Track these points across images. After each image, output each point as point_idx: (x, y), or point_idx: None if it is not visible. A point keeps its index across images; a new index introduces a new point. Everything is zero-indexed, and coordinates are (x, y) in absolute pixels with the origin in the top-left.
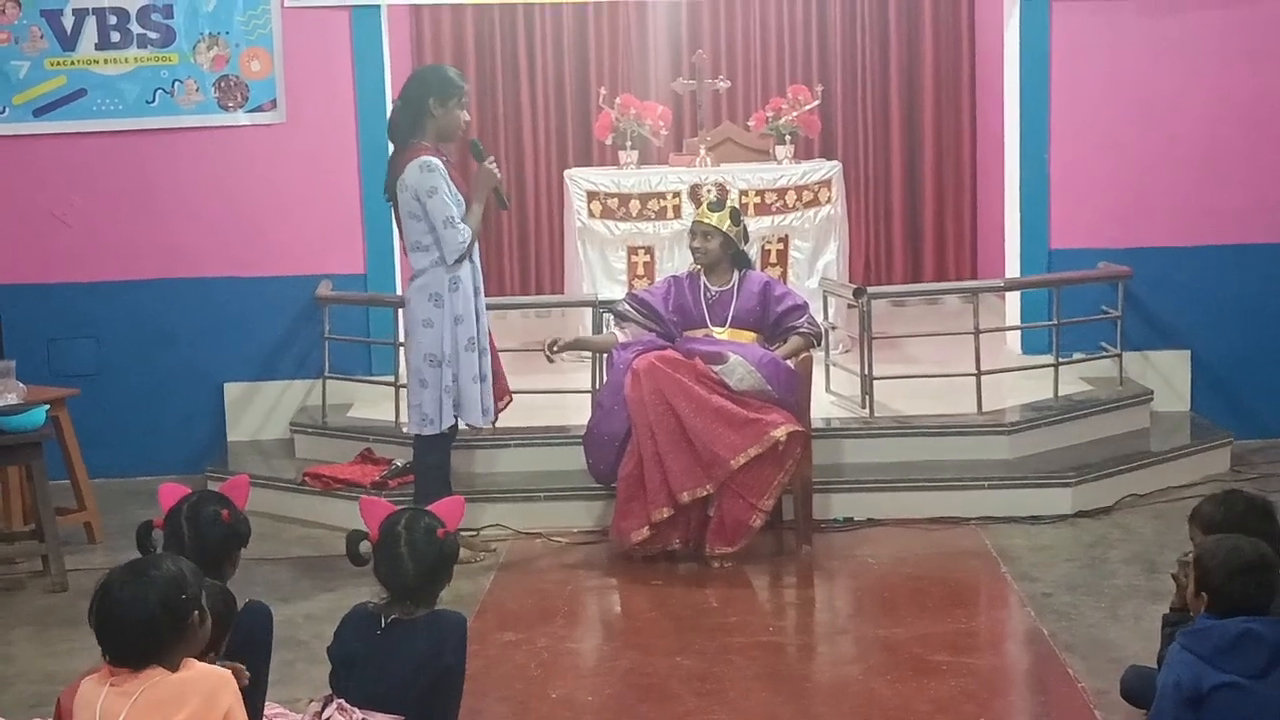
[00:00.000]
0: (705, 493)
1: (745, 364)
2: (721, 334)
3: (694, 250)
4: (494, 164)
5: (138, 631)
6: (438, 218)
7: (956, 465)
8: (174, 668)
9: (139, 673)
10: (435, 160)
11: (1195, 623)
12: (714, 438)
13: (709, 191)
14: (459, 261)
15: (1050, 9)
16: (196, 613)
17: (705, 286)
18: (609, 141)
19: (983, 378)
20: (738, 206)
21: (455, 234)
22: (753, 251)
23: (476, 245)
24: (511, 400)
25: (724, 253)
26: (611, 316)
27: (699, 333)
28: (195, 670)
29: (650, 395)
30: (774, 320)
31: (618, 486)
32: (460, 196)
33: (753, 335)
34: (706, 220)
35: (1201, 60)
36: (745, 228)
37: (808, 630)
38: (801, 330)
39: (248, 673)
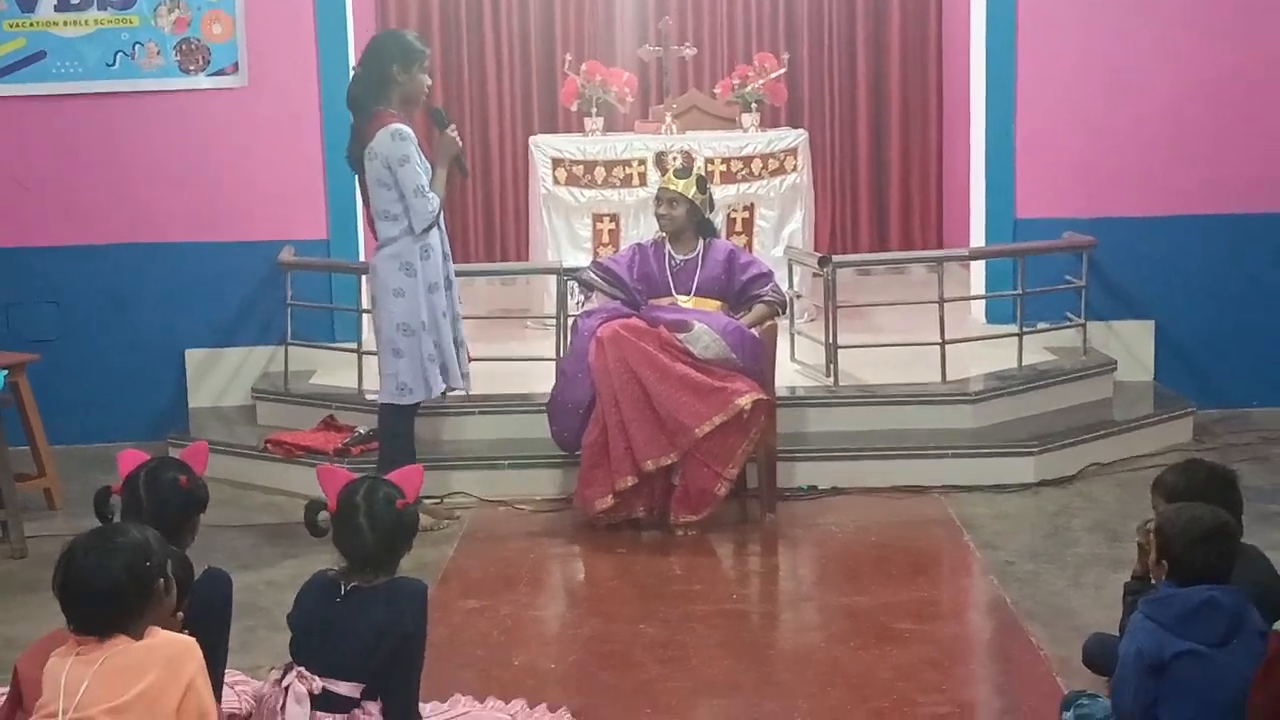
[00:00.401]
0: (669, 461)
1: (710, 332)
2: (686, 302)
3: (659, 218)
4: (455, 131)
5: (103, 599)
6: (408, 186)
7: (920, 434)
8: (139, 636)
9: (104, 642)
10: (407, 129)
11: (1157, 591)
12: (678, 406)
13: (674, 159)
14: (427, 230)
15: None
16: (162, 580)
17: (670, 255)
18: (574, 108)
19: (947, 347)
20: (704, 174)
21: (425, 203)
22: (718, 220)
23: (443, 213)
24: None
25: (689, 220)
26: (576, 284)
27: (664, 301)
28: (159, 638)
29: (615, 363)
30: (739, 289)
31: (582, 454)
32: (429, 164)
33: (718, 304)
34: (672, 187)
35: (1170, 32)
36: (711, 195)
37: (771, 598)
38: (766, 299)
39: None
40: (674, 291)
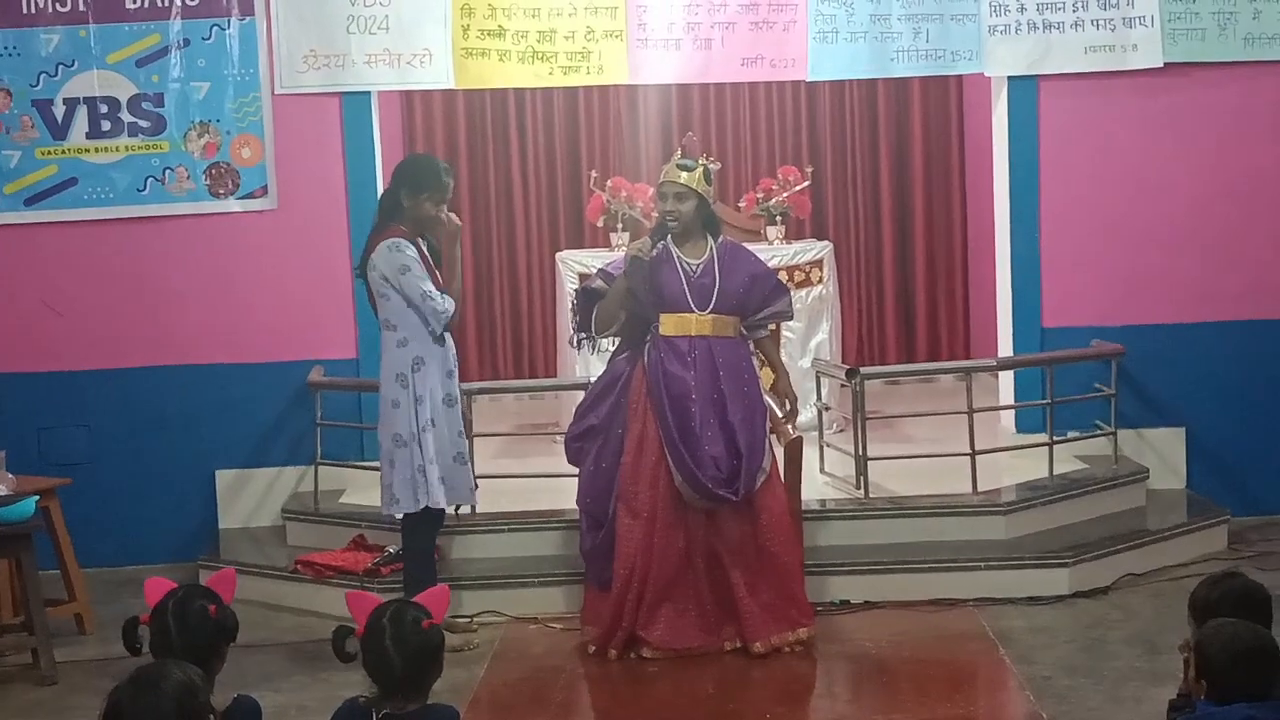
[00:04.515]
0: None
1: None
2: (705, 319)
3: (665, 214)
4: (450, 215)
5: None
6: (414, 294)
7: (953, 546)
8: None
9: None
10: (405, 241)
11: (1196, 709)
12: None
13: (678, 153)
14: (447, 330)
15: (1039, 89)
16: (211, 717)
17: (681, 260)
18: (600, 224)
19: (977, 457)
20: (708, 166)
21: (434, 304)
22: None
23: (450, 334)
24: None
25: (698, 216)
26: (577, 296)
27: (673, 319)
28: None
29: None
30: (754, 314)
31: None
32: (433, 278)
33: (735, 319)
34: (678, 180)
35: (1191, 139)
36: (713, 187)
37: (806, 716)
38: (770, 330)
39: None
40: (692, 307)
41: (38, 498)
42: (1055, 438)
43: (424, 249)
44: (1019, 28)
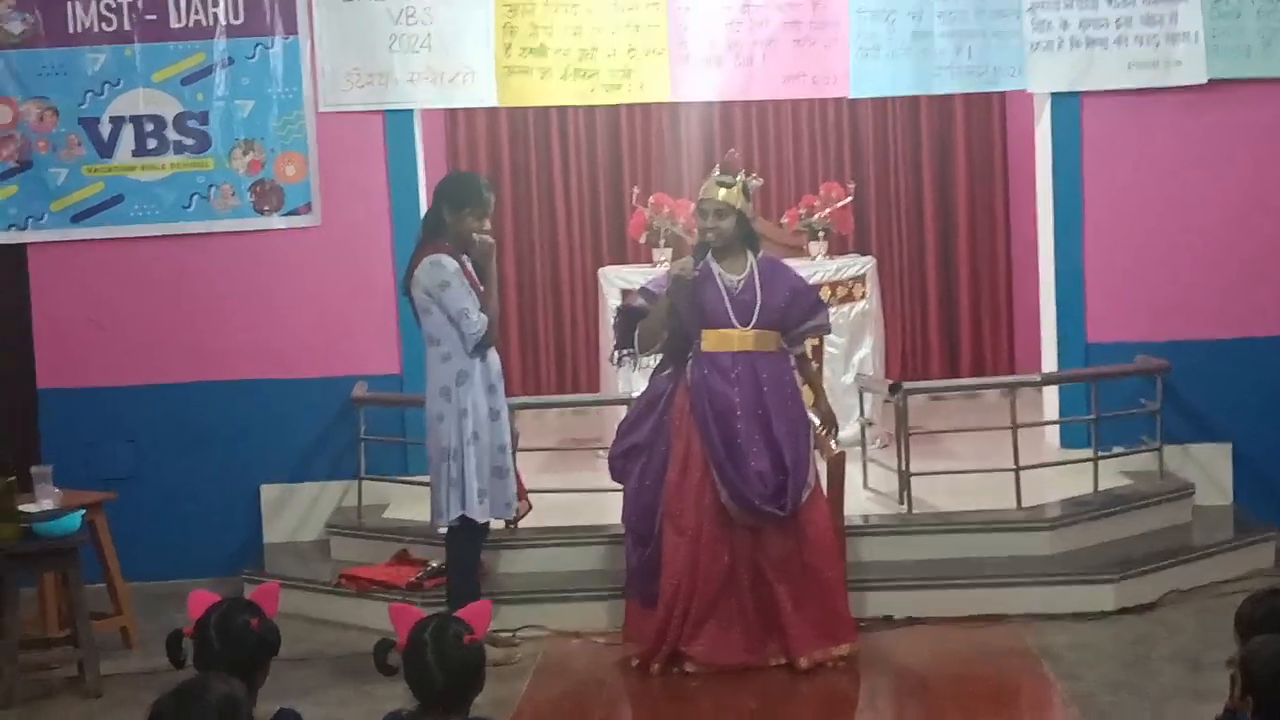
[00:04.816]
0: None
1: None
2: (747, 335)
3: (705, 231)
4: (482, 236)
5: None
6: (452, 309)
7: (997, 562)
8: None
9: None
10: (446, 258)
11: None
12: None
13: (716, 169)
14: (479, 349)
15: (1082, 105)
16: None
17: (721, 276)
18: (643, 240)
19: (1022, 473)
20: (747, 181)
21: (470, 323)
22: None
23: (494, 347)
24: (530, 508)
25: (738, 232)
26: (618, 315)
27: (715, 335)
28: None
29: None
30: (794, 328)
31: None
32: (474, 296)
33: (776, 335)
34: (717, 197)
35: (1236, 155)
36: (753, 203)
37: None
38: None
39: None
40: (735, 323)
41: (84, 512)
42: (1100, 453)
43: (468, 265)
44: (1062, 44)
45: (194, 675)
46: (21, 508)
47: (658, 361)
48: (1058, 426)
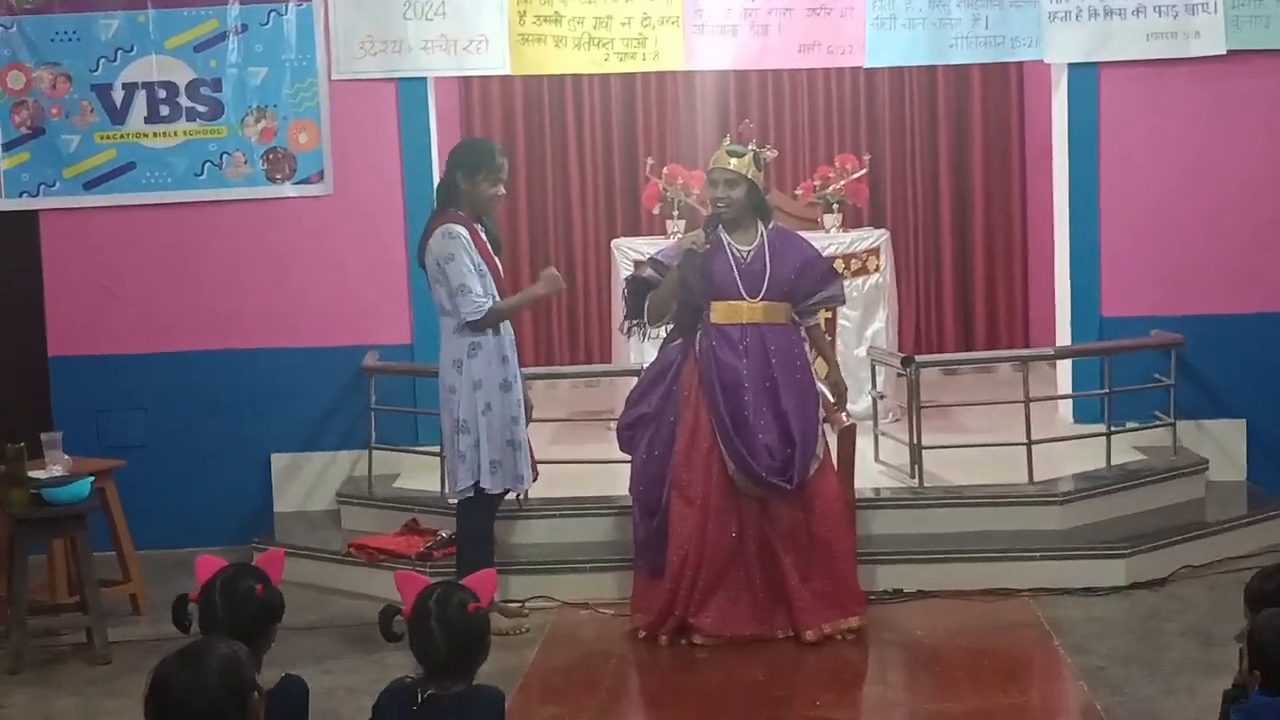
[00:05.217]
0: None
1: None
2: (756, 307)
3: (716, 201)
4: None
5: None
6: (454, 283)
7: (1008, 536)
8: None
9: None
10: (458, 228)
11: (1250, 700)
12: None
13: (727, 139)
14: (479, 329)
15: (1099, 78)
16: (255, 693)
17: (731, 246)
18: (656, 211)
19: (1034, 447)
20: (759, 151)
21: (467, 301)
22: None
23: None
24: (537, 476)
25: (749, 202)
26: (628, 285)
27: (724, 307)
28: None
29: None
30: (805, 299)
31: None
32: (485, 266)
33: (786, 306)
34: (728, 166)
35: (1254, 127)
36: (764, 173)
37: (858, 705)
38: (822, 315)
39: None
40: (743, 294)
41: (93, 479)
42: (1113, 428)
43: (481, 233)
44: (1080, 14)
45: (197, 639)
46: (31, 474)
47: (668, 332)
48: (1071, 401)
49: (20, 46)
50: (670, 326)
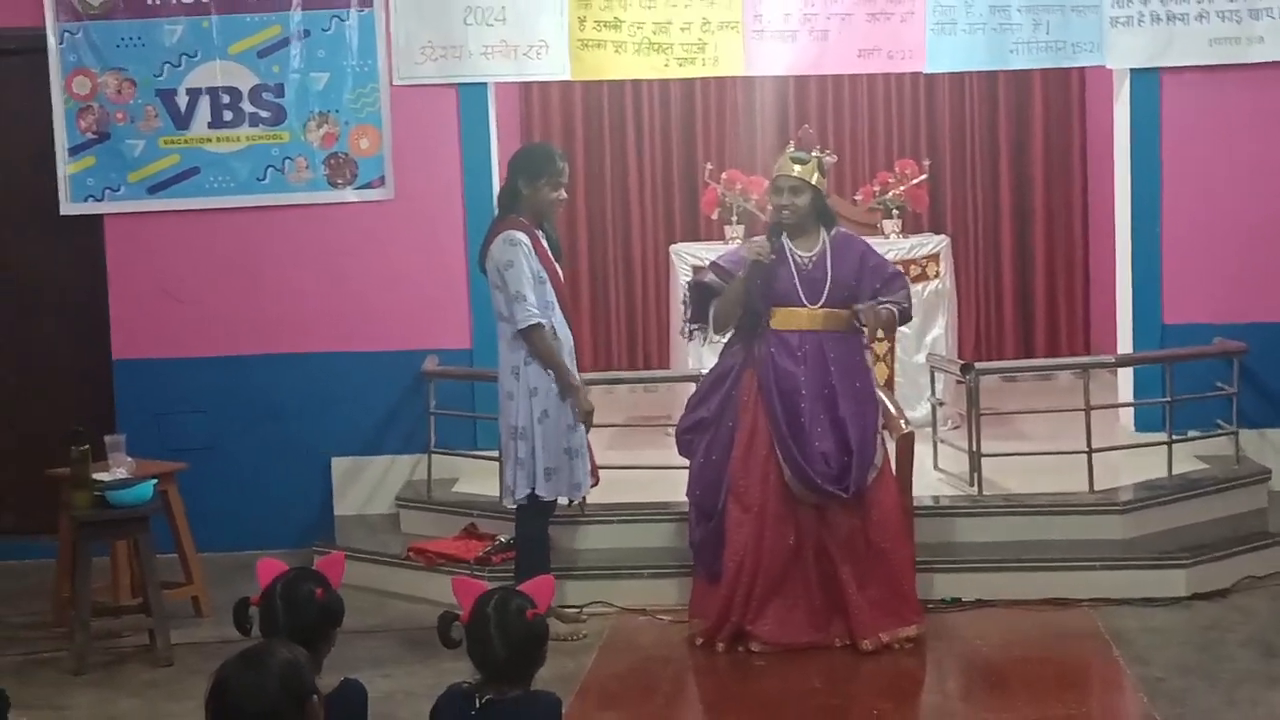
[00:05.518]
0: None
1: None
2: (816, 314)
3: (780, 209)
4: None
5: None
6: (510, 289)
7: (1068, 545)
8: None
9: None
10: (519, 234)
11: None
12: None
13: (790, 145)
14: (530, 337)
15: (1161, 83)
16: (315, 697)
17: (793, 252)
18: (715, 216)
19: (1095, 455)
20: (823, 157)
21: (521, 308)
22: None
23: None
24: (597, 482)
25: (813, 209)
26: (687, 295)
27: (783, 313)
28: None
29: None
30: (869, 298)
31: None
32: (544, 273)
33: (847, 315)
34: (792, 173)
35: None
36: (828, 179)
37: (915, 714)
38: (889, 305)
39: None
40: (803, 301)
41: (156, 481)
42: (1175, 437)
43: (542, 239)
44: (1142, 19)
45: (258, 642)
46: (95, 476)
47: (728, 337)
48: (1132, 409)
49: (86, 52)
50: (731, 332)
